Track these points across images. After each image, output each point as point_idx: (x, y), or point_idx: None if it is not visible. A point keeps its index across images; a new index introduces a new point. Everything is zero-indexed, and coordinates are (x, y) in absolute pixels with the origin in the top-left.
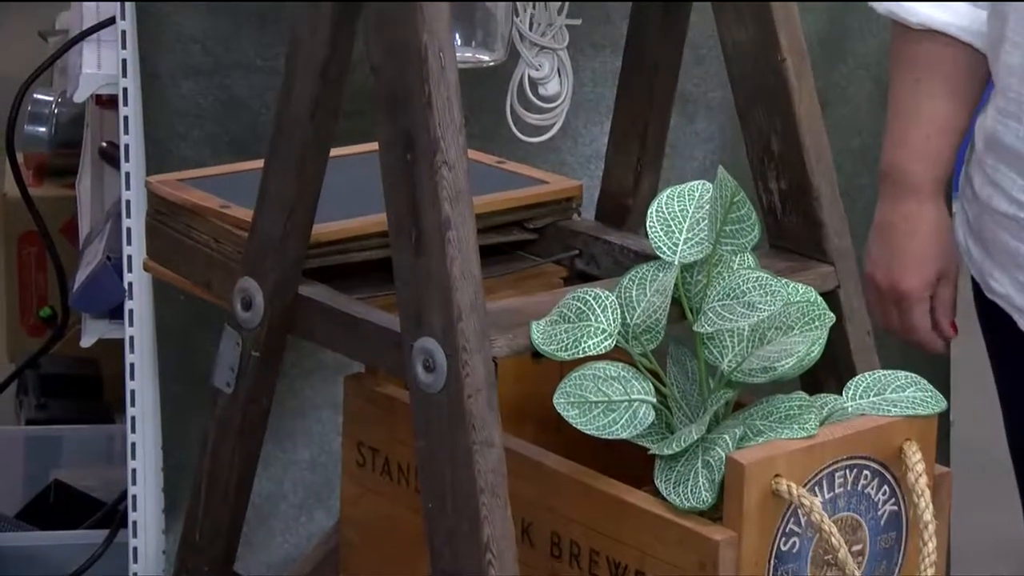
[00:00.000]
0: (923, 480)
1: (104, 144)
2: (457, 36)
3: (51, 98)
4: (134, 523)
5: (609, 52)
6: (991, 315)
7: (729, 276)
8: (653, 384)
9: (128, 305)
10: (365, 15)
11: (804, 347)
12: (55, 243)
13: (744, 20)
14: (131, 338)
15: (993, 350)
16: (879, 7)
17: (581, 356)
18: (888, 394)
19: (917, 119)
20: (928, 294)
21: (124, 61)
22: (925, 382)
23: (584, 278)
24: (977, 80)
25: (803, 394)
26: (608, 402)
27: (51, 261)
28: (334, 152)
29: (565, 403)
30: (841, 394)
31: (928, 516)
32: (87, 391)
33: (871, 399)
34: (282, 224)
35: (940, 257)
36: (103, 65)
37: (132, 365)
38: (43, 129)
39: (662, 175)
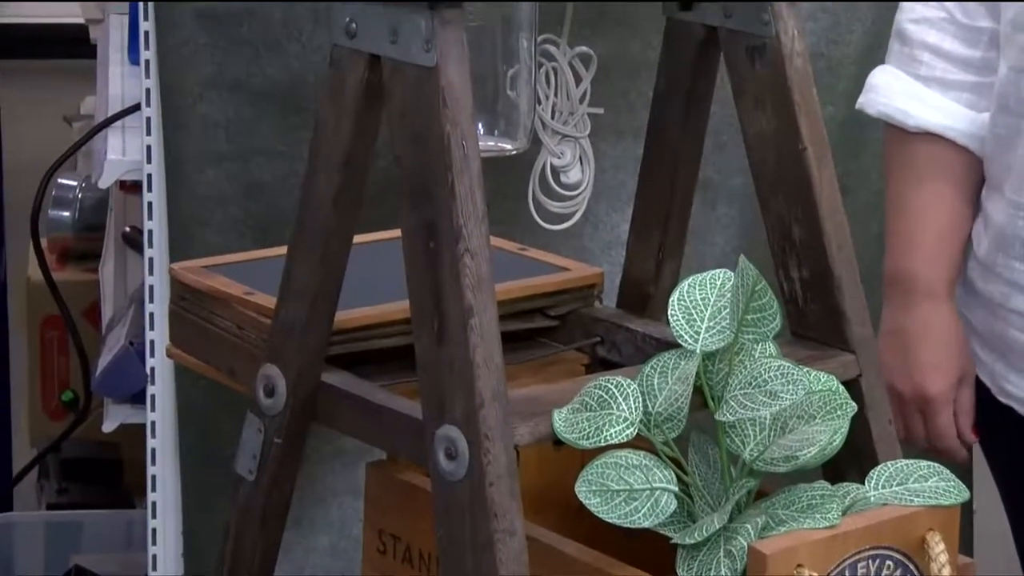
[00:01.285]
0: (946, 571)
1: (127, 229)
2: (480, 125)
3: (75, 183)
4: None
5: (630, 139)
6: (998, 419)
7: (751, 364)
8: (675, 473)
9: (150, 390)
10: (389, 105)
11: (826, 436)
12: (78, 327)
13: (765, 110)
14: (153, 423)
15: (999, 454)
16: (871, 110)
17: (603, 444)
18: (911, 484)
19: (924, 221)
20: (953, 397)
21: (149, 147)
22: (947, 472)
23: (606, 365)
24: (976, 179)
25: (825, 483)
26: (630, 490)
27: (74, 345)
28: (357, 239)
29: (587, 491)
30: (863, 483)
31: None
32: (108, 476)
33: (893, 488)
34: (305, 311)
35: (961, 359)
36: (128, 151)
37: (154, 450)
38: (67, 214)
39: (683, 261)
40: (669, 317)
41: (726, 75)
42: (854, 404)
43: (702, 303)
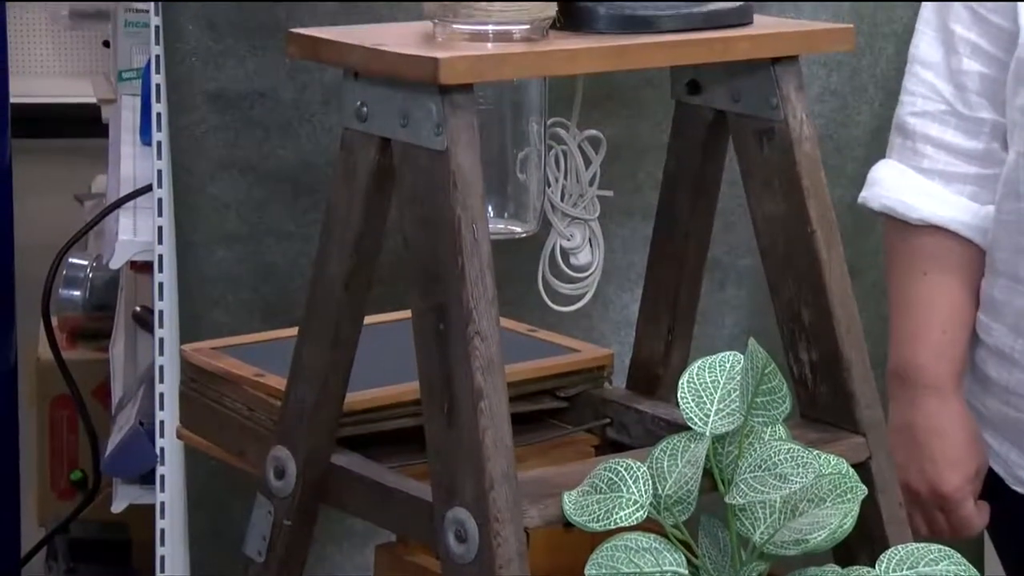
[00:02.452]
0: None
1: (138, 308)
2: (490, 208)
3: (86, 262)
4: None
5: (639, 219)
6: (1012, 508)
7: (761, 447)
8: (685, 556)
9: (160, 470)
10: (399, 188)
11: (836, 519)
12: (87, 406)
13: (774, 193)
14: (162, 504)
15: (1010, 543)
16: (874, 204)
17: (613, 527)
18: (921, 568)
19: (929, 314)
20: (971, 490)
21: (160, 228)
22: (958, 555)
23: (615, 447)
24: (978, 270)
25: (836, 567)
26: (640, 574)
27: (83, 424)
28: (367, 319)
29: (597, 574)
30: (874, 567)
31: None
32: (117, 557)
33: (904, 573)
34: (315, 393)
35: (975, 452)
36: (139, 232)
37: (163, 531)
38: (77, 293)
39: (693, 341)
40: (679, 400)
41: (735, 156)
42: (864, 487)
43: (712, 386)
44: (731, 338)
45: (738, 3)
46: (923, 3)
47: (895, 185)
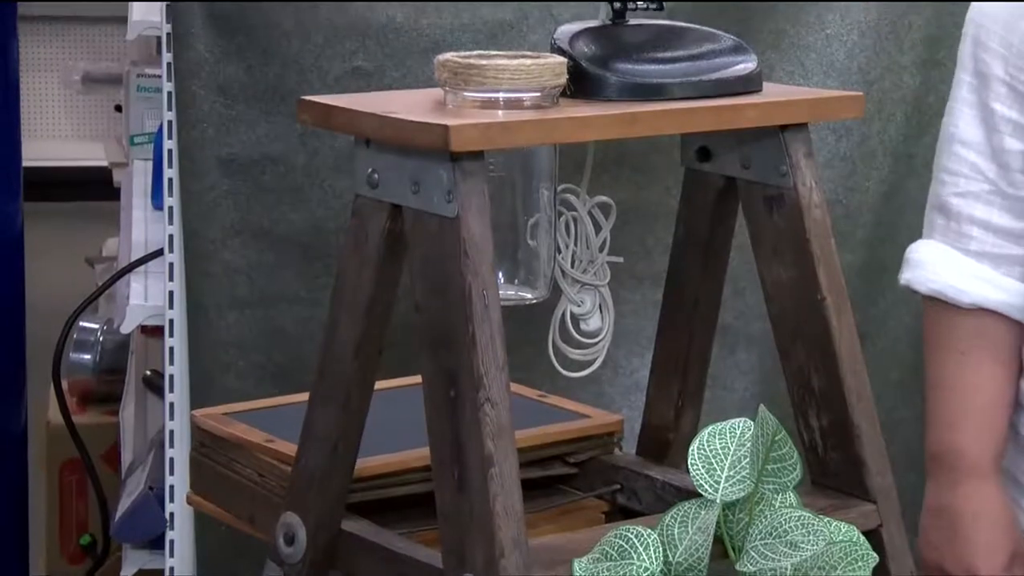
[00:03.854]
0: None
1: (148, 372)
2: (500, 274)
3: (96, 326)
4: None
5: (649, 284)
6: None
7: (771, 515)
8: None
9: (169, 536)
10: (410, 254)
11: None
12: (97, 471)
13: (783, 259)
14: (171, 569)
15: None
16: (921, 288)
17: None
18: None
19: (967, 395)
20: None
21: (171, 293)
22: None
23: (626, 513)
24: (1018, 347)
25: None
26: None
27: (93, 489)
28: (377, 385)
29: None
30: None
31: None
32: None
33: None
34: (326, 459)
35: (1011, 538)
36: (150, 296)
37: None
38: (88, 357)
39: (703, 406)
40: (689, 466)
41: (744, 222)
42: (875, 555)
43: (722, 452)
44: (742, 403)
45: (747, 71)
46: (955, 80)
47: (943, 268)
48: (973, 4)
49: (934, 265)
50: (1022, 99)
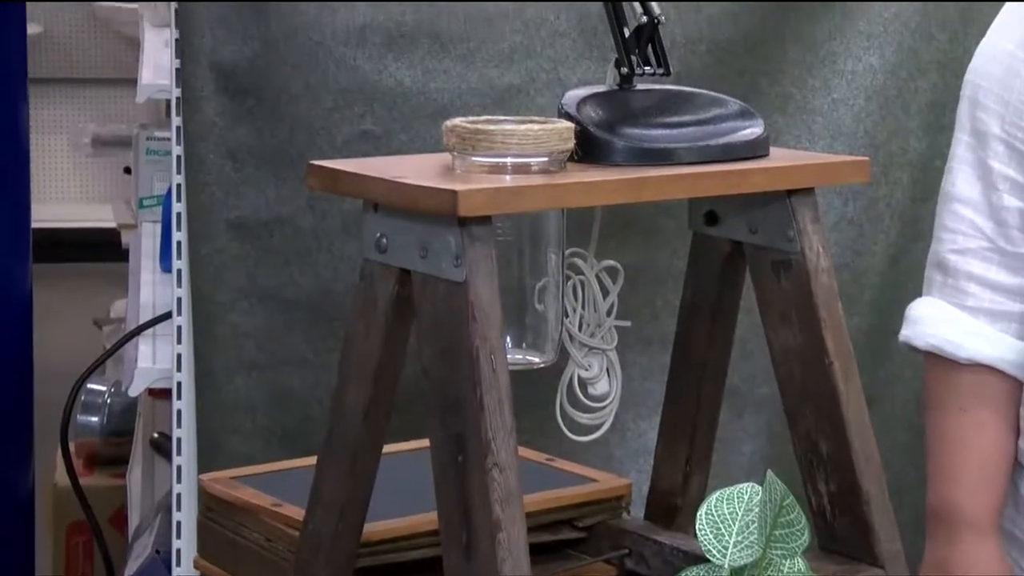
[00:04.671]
0: None
1: (156, 435)
2: (508, 338)
3: (104, 388)
4: None
5: (657, 347)
6: None
7: None
8: None
9: None
10: (419, 318)
11: None
12: (104, 534)
13: (791, 324)
14: None
15: None
16: (919, 343)
17: None
18: None
19: (967, 451)
20: None
21: (179, 356)
22: None
23: None
24: (1017, 402)
25: None
26: None
27: (99, 552)
28: (385, 448)
29: None
30: None
31: None
32: None
33: None
34: (334, 524)
35: None
36: (158, 359)
37: None
38: (95, 419)
39: (711, 469)
40: (697, 531)
41: (752, 285)
42: None
43: (730, 517)
44: (750, 466)
45: (754, 136)
46: (954, 140)
47: (940, 324)
48: (971, 65)
49: (932, 321)
50: (1019, 156)
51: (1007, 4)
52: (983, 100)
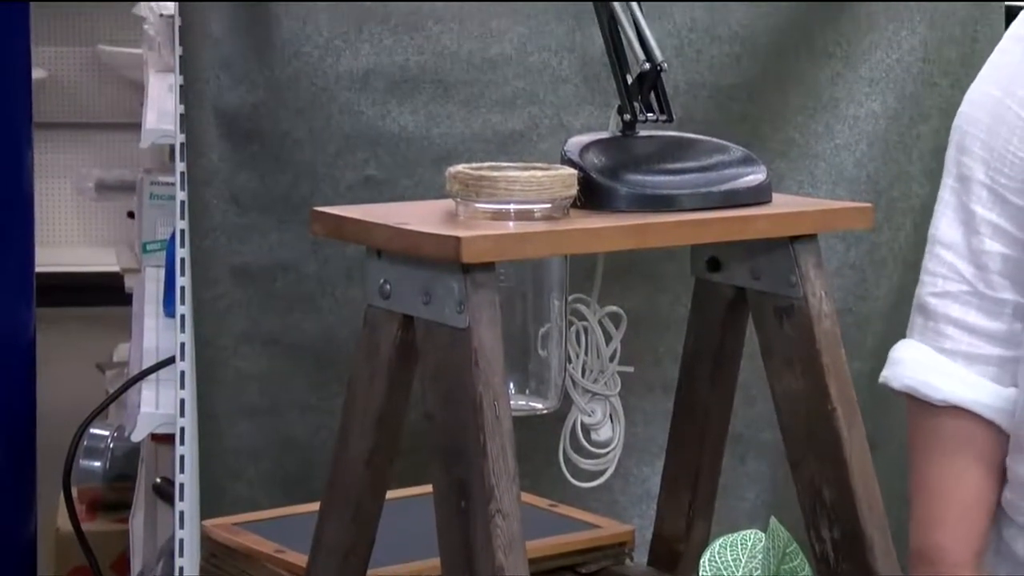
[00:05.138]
0: None
1: (159, 480)
2: (511, 384)
3: (106, 432)
4: None
5: (660, 393)
6: None
7: None
8: None
9: None
10: (422, 365)
11: None
12: None
13: (794, 370)
14: None
15: None
16: (896, 384)
17: None
18: None
19: (949, 496)
20: None
21: (182, 401)
22: None
23: None
24: (1001, 452)
25: None
26: None
27: None
28: (388, 494)
29: None
30: None
31: None
32: None
33: None
34: (336, 570)
35: None
36: (161, 404)
37: None
38: (97, 464)
39: (714, 514)
40: None
41: (755, 330)
42: None
43: (733, 564)
44: (753, 512)
45: (757, 182)
46: (941, 185)
47: (917, 365)
48: (959, 110)
49: (910, 363)
50: (1002, 202)
51: (995, 52)
52: (969, 145)
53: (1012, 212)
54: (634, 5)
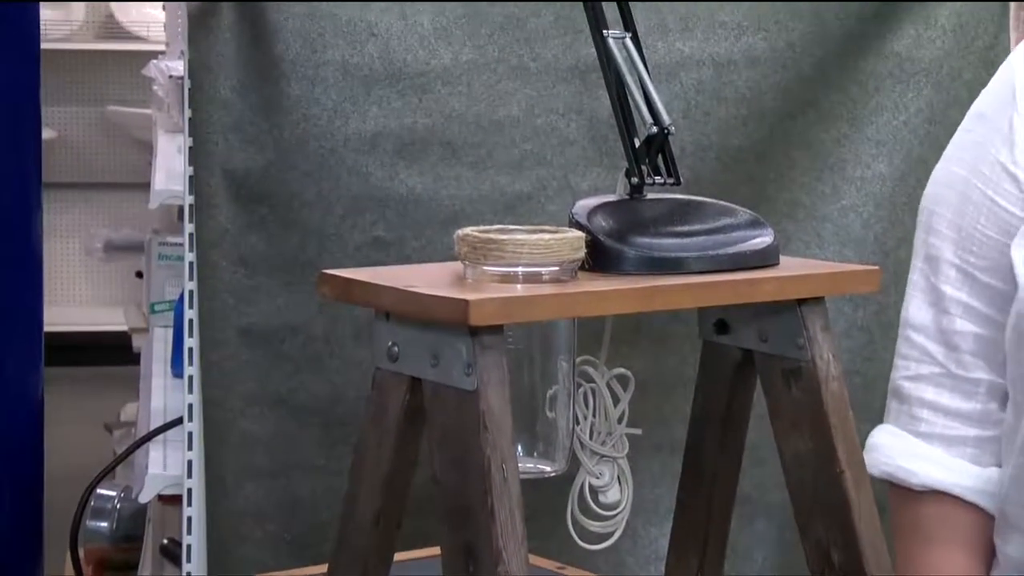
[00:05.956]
0: None
1: (166, 541)
2: (519, 447)
3: (113, 493)
4: None
5: (668, 453)
6: None
7: None
8: None
9: None
10: (429, 427)
11: None
12: None
13: (802, 432)
14: None
15: None
16: (874, 471)
17: None
18: None
19: None
20: None
21: (190, 462)
22: None
23: None
24: (986, 534)
25: None
26: None
27: None
28: (396, 556)
29: None
30: None
31: None
32: None
33: None
34: None
35: None
36: (169, 465)
37: None
38: (104, 524)
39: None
40: None
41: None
42: None
43: None
44: (761, 573)
45: (764, 245)
46: (911, 267)
47: (894, 451)
48: (925, 191)
49: (887, 448)
50: (971, 280)
51: (959, 131)
52: (936, 226)
53: (982, 290)
54: (641, 69)
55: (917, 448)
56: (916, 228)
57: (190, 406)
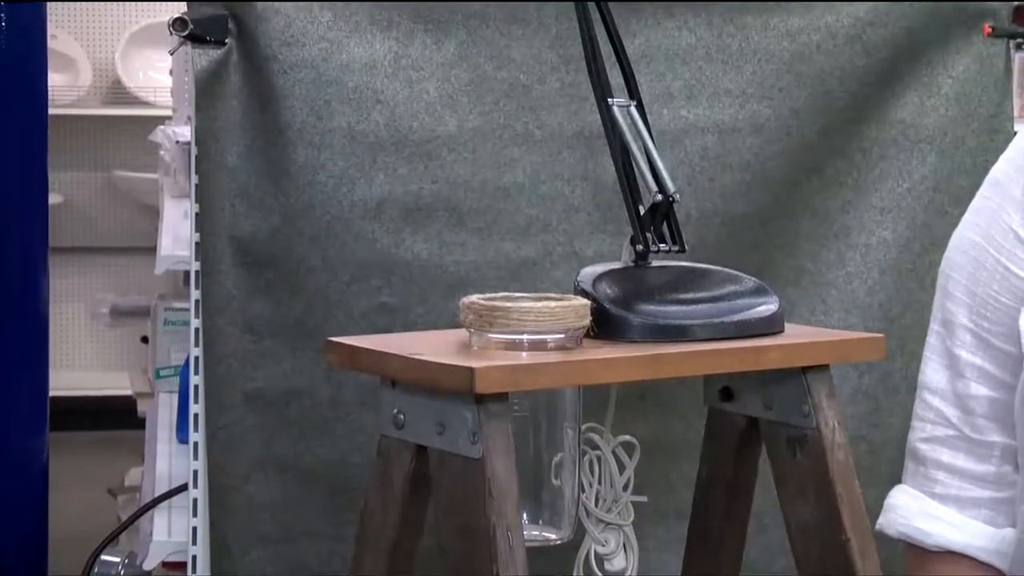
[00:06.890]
0: None
1: None
2: (524, 514)
3: (117, 559)
4: None
5: (673, 520)
6: None
7: None
8: None
9: None
10: (435, 495)
11: None
12: None
13: (807, 500)
14: None
15: None
16: (890, 531)
17: None
18: None
19: None
20: None
21: (195, 529)
22: None
23: None
24: None
25: None
26: None
27: None
28: None
29: None
30: None
31: None
32: None
33: None
34: None
35: None
36: (173, 532)
37: None
38: None
39: None
40: None
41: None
42: None
43: None
44: None
45: (769, 312)
46: (929, 329)
47: (910, 511)
48: (943, 256)
49: (903, 509)
50: (986, 345)
51: (976, 197)
52: (952, 291)
53: (996, 355)
54: (646, 136)
55: (932, 509)
56: (935, 292)
57: (195, 472)
